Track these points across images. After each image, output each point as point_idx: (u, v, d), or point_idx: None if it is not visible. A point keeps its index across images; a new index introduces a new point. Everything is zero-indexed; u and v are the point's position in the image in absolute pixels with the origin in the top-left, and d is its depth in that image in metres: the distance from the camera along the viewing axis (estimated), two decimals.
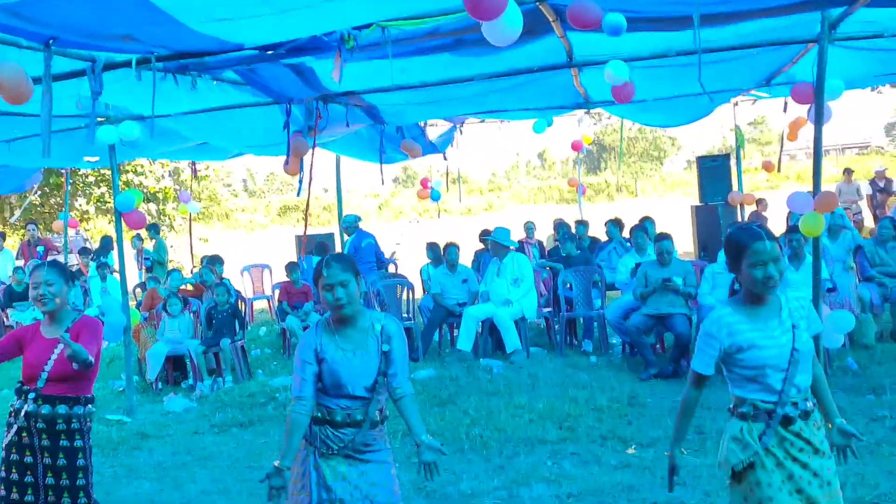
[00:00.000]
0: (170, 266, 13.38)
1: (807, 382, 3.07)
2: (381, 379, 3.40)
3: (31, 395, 3.96)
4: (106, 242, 13.87)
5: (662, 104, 8.58)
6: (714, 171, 12.68)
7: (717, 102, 8.88)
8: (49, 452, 3.96)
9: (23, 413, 3.97)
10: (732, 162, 13.06)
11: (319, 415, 3.42)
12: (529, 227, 13.10)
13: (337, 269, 3.36)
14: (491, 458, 5.77)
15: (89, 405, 4.08)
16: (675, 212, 20.19)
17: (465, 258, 10.62)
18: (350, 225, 11.73)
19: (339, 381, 3.37)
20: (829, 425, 3.17)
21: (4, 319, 12.59)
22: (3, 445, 4.03)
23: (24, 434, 3.98)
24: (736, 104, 11.27)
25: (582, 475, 5.30)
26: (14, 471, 3.98)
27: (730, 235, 3.16)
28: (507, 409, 6.83)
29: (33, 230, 14.94)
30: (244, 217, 42.44)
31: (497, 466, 5.60)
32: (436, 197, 13.89)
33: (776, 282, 3.00)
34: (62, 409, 3.97)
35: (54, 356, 3.95)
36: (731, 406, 3.15)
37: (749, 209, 12.90)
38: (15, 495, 3.95)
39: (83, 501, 3.99)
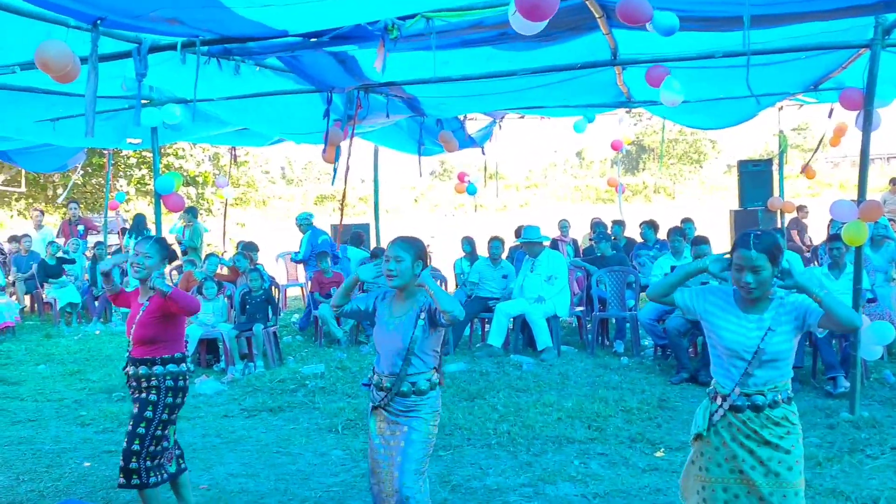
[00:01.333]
0: (205, 250, 13.50)
1: (769, 379, 3.24)
2: (413, 347, 3.73)
3: (126, 356, 4.44)
4: (139, 220, 14.04)
5: (706, 106, 8.47)
6: (755, 176, 12.51)
7: (763, 106, 8.74)
8: (137, 403, 4.41)
9: (127, 371, 4.45)
10: (774, 167, 12.86)
11: (370, 374, 3.94)
12: (564, 226, 13.02)
13: (397, 246, 3.79)
14: (518, 455, 5.75)
15: (171, 364, 4.44)
16: (712, 216, 19.95)
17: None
18: (304, 222, 11.82)
19: (378, 343, 3.87)
20: None
21: (43, 296, 12.81)
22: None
23: (132, 389, 4.47)
24: (781, 108, 11.08)
25: (609, 476, 5.26)
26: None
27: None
28: (536, 406, 6.80)
29: (75, 209, 15.18)
30: (281, 204, 42.70)
31: (524, 463, 5.57)
32: (472, 191, 13.87)
33: (749, 290, 3.21)
34: (143, 370, 4.38)
35: (136, 321, 4.38)
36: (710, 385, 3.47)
37: (789, 216, 12.70)
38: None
39: (136, 448, 4.28)
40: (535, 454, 5.76)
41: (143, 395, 4.37)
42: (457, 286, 10.72)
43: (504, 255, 9.96)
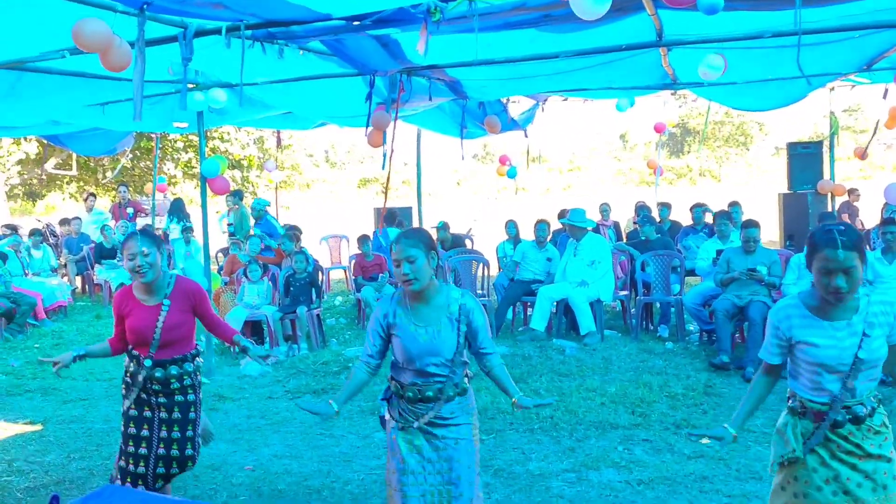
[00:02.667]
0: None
1: (867, 388, 2.95)
2: (458, 358, 3.41)
3: (147, 362, 4.11)
4: (177, 205, 14.25)
5: (754, 87, 8.28)
6: (805, 159, 12.23)
7: (814, 86, 8.51)
8: (165, 408, 4.16)
9: (140, 377, 4.13)
10: (825, 150, 12.57)
11: (395, 389, 3.50)
12: (605, 210, 12.90)
13: (405, 245, 3.34)
14: (561, 440, 5.73)
15: (196, 359, 4.27)
16: (759, 199, 19.60)
17: None
18: (258, 209, 11.77)
19: (409, 356, 3.40)
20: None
21: (93, 278, 13.08)
22: (124, 408, 4.22)
23: (142, 392, 4.16)
24: (832, 89, 10.80)
25: (654, 462, 5.22)
26: (132, 425, 4.17)
27: (811, 232, 3.02)
28: (579, 391, 6.76)
29: (124, 192, 15.46)
30: (325, 187, 43.02)
31: (567, 448, 5.55)
32: (512, 174, 13.81)
33: (843, 294, 2.83)
34: (174, 370, 4.14)
35: (160, 324, 4.08)
36: (787, 396, 3.11)
37: (840, 199, 12.41)
38: (131, 448, 4.15)
39: (189, 452, 4.19)
40: (578, 439, 5.73)
41: (178, 396, 4.16)
42: (499, 269, 10.69)
43: (548, 239, 9.91)
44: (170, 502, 1.65)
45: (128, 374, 4.21)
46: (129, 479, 4.12)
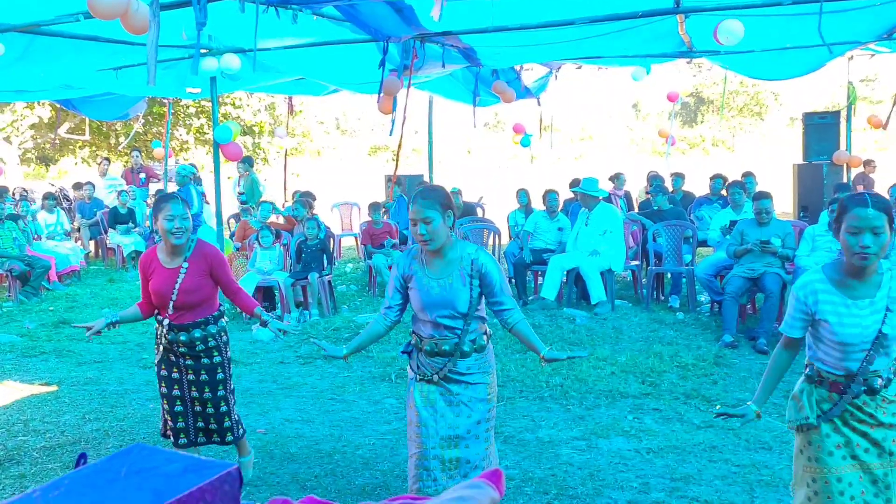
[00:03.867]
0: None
1: (886, 362, 2.97)
2: (472, 312, 3.48)
3: (166, 323, 4.21)
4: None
5: (772, 56, 8.20)
6: (821, 129, 12.09)
7: (834, 55, 8.40)
8: (192, 370, 4.27)
9: (163, 338, 4.23)
10: (841, 120, 12.43)
11: (415, 342, 3.60)
12: (620, 179, 12.85)
13: (422, 205, 3.41)
14: (571, 408, 5.76)
15: (221, 320, 4.34)
16: (773, 169, 19.46)
17: None
18: (182, 175, 11.68)
19: (421, 307, 3.52)
20: None
21: (106, 242, 13.15)
22: (155, 362, 4.37)
23: (170, 353, 4.27)
24: (851, 58, 10.66)
25: (663, 431, 5.25)
26: (164, 385, 4.31)
27: (840, 198, 3.05)
28: (590, 360, 6.77)
29: (137, 157, 15.48)
30: (335, 154, 42.91)
31: (577, 417, 5.59)
32: (526, 143, 13.75)
33: (870, 254, 2.82)
34: (197, 332, 4.23)
35: (177, 287, 4.15)
36: (805, 364, 3.14)
37: (855, 171, 12.30)
38: (167, 405, 4.31)
39: (224, 409, 4.32)
40: (587, 408, 5.76)
41: (204, 359, 4.25)
42: (510, 238, 10.69)
43: (559, 209, 9.89)
44: (196, 461, 1.65)
45: (157, 336, 4.33)
46: (171, 435, 4.32)
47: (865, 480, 2.99)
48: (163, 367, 4.29)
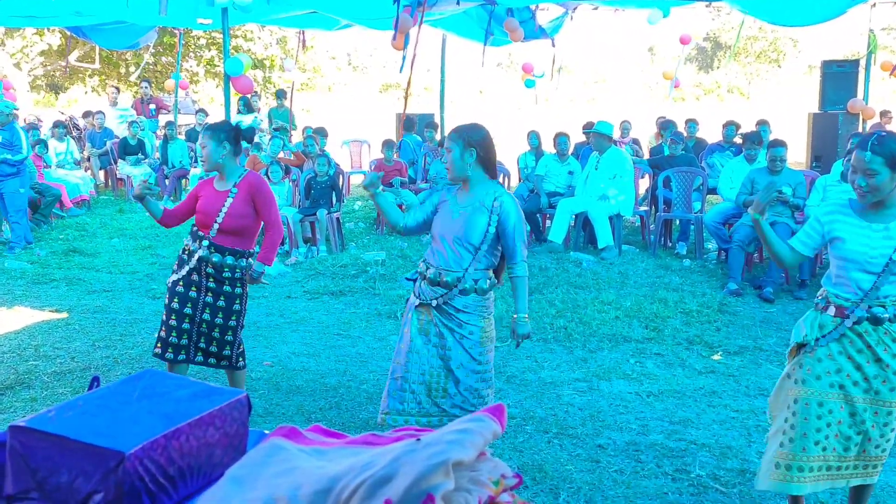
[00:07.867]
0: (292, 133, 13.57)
1: (893, 291, 3.08)
2: (483, 247, 3.56)
3: (205, 242, 4.31)
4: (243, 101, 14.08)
5: (793, 0, 8.04)
6: (840, 78, 11.92)
7: (857, 0, 8.22)
8: (212, 293, 4.35)
9: (196, 256, 4.31)
10: (860, 69, 12.24)
11: (422, 269, 3.72)
12: (625, 127, 12.71)
13: (449, 137, 3.68)
14: (574, 350, 5.82)
15: (250, 259, 4.44)
16: (789, 118, 19.23)
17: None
18: (4, 113, 11.20)
19: (438, 231, 3.67)
20: None
21: (116, 172, 13.16)
22: (171, 280, 4.41)
23: (194, 273, 4.34)
24: (874, 5, 10.45)
25: (664, 376, 5.31)
26: (176, 300, 4.35)
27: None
28: (594, 303, 6.82)
29: (146, 87, 15.39)
30: (346, 91, 42.54)
31: (579, 359, 5.65)
32: (530, 85, 13.61)
33: (861, 193, 3.05)
34: (230, 259, 4.34)
35: (225, 209, 4.28)
36: (817, 294, 3.29)
37: (871, 122, 12.16)
38: (173, 321, 4.34)
39: (229, 338, 4.40)
40: (590, 350, 5.82)
41: (227, 287, 4.34)
42: (520, 180, 10.65)
43: (570, 152, 9.83)
44: (207, 387, 1.69)
45: (185, 252, 4.39)
46: (169, 350, 4.35)
47: (845, 411, 3.11)
48: (180, 283, 4.34)
